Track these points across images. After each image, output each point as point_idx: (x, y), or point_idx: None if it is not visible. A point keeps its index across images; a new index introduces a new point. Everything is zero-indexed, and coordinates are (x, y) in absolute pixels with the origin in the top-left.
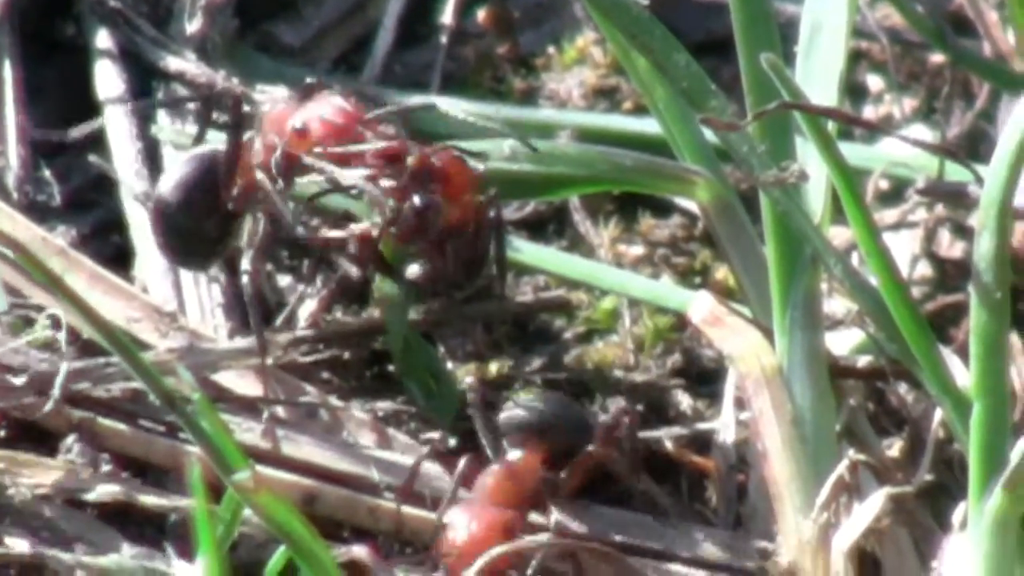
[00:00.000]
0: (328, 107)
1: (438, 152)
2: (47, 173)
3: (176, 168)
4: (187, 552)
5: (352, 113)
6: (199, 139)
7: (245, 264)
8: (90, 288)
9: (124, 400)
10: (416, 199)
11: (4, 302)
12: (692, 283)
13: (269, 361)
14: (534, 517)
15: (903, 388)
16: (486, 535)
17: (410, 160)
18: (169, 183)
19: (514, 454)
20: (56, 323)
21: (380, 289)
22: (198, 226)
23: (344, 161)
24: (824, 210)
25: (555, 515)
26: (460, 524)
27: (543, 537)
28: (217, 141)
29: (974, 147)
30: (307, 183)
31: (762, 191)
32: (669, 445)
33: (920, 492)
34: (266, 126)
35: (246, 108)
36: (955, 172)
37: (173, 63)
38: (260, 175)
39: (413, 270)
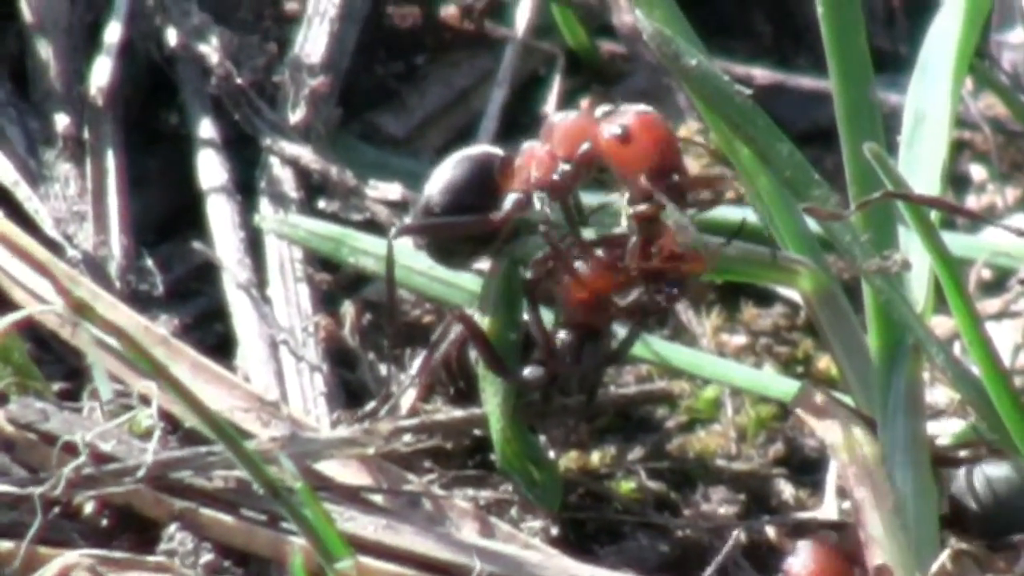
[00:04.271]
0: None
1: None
2: (149, 262)
3: (446, 169)
4: None
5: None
6: None
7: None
8: (192, 377)
9: (226, 490)
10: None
11: (108, 390)
12: (794, 372)
13: (371, 450)
14: None
15: None
16: None
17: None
18: (439, 184)
19: None
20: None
21: (484, 380)
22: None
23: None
24: (927, 299)
25: None
26: None
27: None
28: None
29: None
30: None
31: (865, 280)
32: (771, 534)
33: None
34: (556, 137)
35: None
36: None
37: (288, 148)
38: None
39: (533, 372)
